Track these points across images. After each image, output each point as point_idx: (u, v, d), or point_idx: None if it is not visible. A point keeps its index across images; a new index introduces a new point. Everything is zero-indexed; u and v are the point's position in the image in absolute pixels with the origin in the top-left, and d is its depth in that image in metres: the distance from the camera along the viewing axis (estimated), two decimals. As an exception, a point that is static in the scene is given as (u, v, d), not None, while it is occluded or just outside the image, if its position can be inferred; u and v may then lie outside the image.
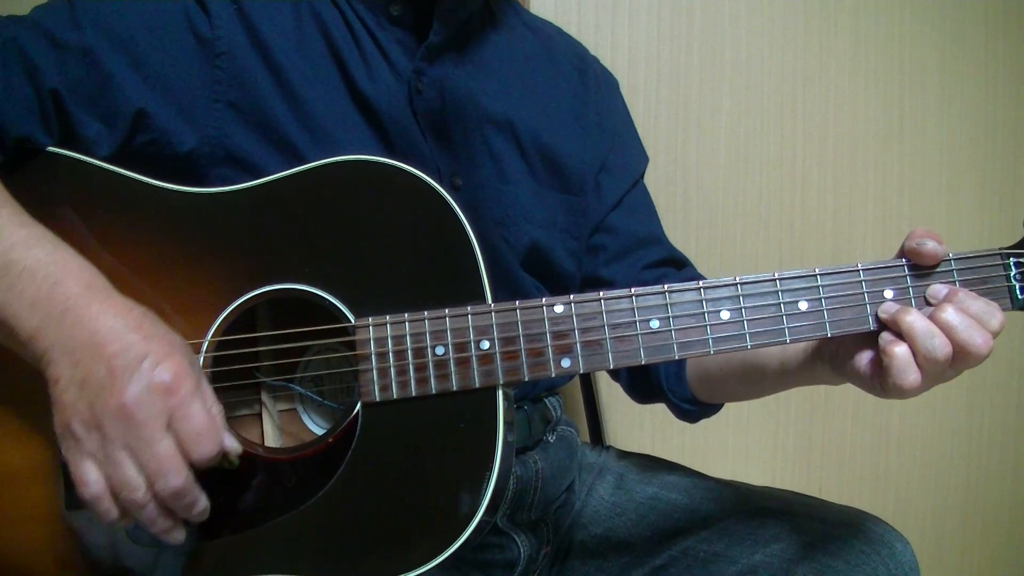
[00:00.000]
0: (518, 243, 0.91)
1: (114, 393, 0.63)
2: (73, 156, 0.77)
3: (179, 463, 0.65)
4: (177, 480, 0.65)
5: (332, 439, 0.73)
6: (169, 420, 0.64)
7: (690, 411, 0.97)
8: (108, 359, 0.64)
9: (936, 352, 0.68)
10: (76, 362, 0.65)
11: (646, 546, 0.93)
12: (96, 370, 0.64)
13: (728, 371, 0.90)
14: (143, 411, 0.63)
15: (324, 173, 0.75)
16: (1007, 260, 0.73)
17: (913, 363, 0.69)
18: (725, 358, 0.90)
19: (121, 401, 0.63)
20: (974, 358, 0.68)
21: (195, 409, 0.65)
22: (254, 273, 0.74)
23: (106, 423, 0.64)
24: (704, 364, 0.93)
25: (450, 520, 0.70)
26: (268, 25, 0.83)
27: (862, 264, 0.72)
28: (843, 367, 0.75)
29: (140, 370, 0.64)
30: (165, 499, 0.65)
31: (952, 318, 0.68)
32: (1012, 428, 1.67)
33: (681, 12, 1.43)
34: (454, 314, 0.72)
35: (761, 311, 0.72)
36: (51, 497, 0.73)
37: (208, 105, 0.81)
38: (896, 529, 0.84)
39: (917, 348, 0.68)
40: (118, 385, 0.63)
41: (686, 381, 0.95)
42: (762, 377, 0.86)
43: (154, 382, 0.64)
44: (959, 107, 1.58)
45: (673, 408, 0.99)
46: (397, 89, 0.85)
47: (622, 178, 1.01)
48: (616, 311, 0.72)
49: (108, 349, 0.64)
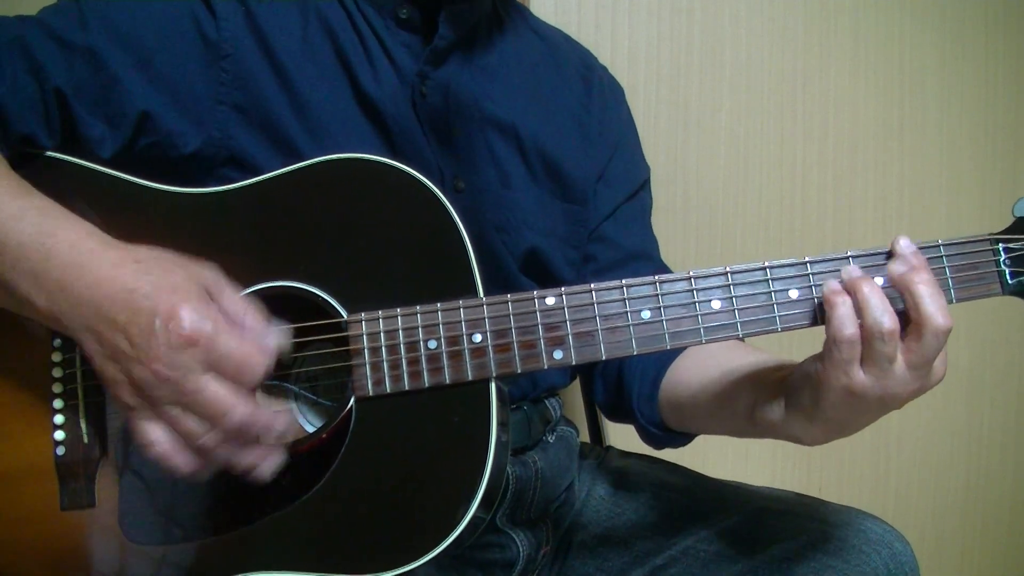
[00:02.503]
0: (517, 248, 0.91)
1: (143, 362, 0.63)
2: (70, 160, 0.77)
3: (231, 399, 0.64)
4: (236, 415, 0.64)
5: (326, 435, 0.73)
6: (206, 366, 0.64)
7: (656, 435, 0.95)
8: (124, 329, 0.64)
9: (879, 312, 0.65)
10: (99, 338, 0.65)
11: (646, 546, 0.93)
12: (118, 342, 0.64)
13: (700, 401, 0.88)
14: (176, 370, 0.63)
15: (315, 172, 0.75)
16: (996, 246, 0.72)
17: (854, 317, 0.66)
18: (699, 388, 0.88)
19: (152, 368, 0.63)
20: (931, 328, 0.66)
21: (224, 345, 0.64)
22: (247, 271, 0.74)
23: (149, 389, 0.64)
24: (677, 391, 0.91)
25: (444, 515, 0.70)
26: (274, 27, 0.83)
27: (851, 251, 0.72)
28: (799, 385, 0.72)
29: (155, 334, 0.63)
30: (236, 433, 0.65)
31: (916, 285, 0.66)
32: (1012, 428, 1.67)
33: (681, 12, 1.43)
34: (446, 308, 0.72)
35: (752, 300, 0.72)
36: (48, 497, 0.73)
37: (212, 107, 0.81)
38: (896, 529, 0.84)
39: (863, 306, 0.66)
40: (143, 354, 0.63)
41: (657, 404, 0.93)
42: (732, 415, 0.83)
43: (173, 341, 0.63)
44: (959, 107, 1.58)
45: (640, 430, 0.97)
46: (401, 91, 0.86)
47: (618, 189, 1.01)
48: (607, 302, 0.72)
49: (119, 320, 0.64)
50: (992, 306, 1.57)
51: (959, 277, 0.72)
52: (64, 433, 0.74)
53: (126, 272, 0.65)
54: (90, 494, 0.73)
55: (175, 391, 0.64)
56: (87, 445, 0.74)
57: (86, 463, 0.74)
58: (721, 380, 0.84)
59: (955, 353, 1.70)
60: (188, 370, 0.63)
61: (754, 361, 0.83)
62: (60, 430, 0.73)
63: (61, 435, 0.73)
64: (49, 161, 0.77)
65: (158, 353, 0.63)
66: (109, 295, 0.64)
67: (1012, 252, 0.72)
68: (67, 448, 0.73)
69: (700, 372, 0.89)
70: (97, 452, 0.74)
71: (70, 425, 0.74)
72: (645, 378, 0.94)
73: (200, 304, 0.65)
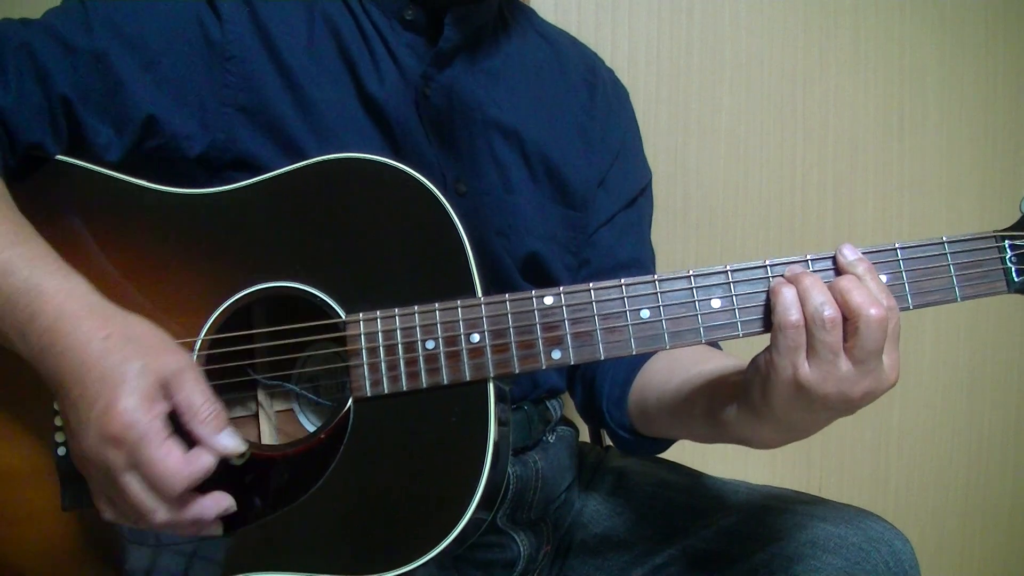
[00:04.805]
0: (517, 253, 0.91)
1: (78, 440, 0.64)
2: (76, 163, 0.78)
3: (151, 503, 0.64)
4: (156, 519, 0.64)
5: (324, 435, 0.73)
6: (129, 467, 0.63)
7: (626, 439, 0.94)
8: (74, 404, 0.64)
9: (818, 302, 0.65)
10: (63, 401, 0.66)
11: (646, 546, 0.93)
12: (69, 413, 0.65)
13: (664, 403, 0.87)
14: (102, 463, 0.64)
15: (314, 171, 0.75)
16: (1002, 243, 0.71)
17: (799, 304, 0.66)
18: (663, 390, 0.87)
19: (82, 448, 0.64)
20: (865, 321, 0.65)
21: (146, 454, 0.63)
22: (247, 271, 0.75)
23: (87, 466, 0.66)
24: (644, 394, 0.90)
25: (443, 516, 0.70)
26: (279, 28, 0.83)
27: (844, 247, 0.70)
28: (751, 385, 0.71)
29: (90, 420, 0.63)
30: (163, 525, 0.65)
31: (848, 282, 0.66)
32: (1012, 428, 1.67)
33: (681, 12, 1.43)
34: (444, 308, 0.72)
35: (752, 299, 0.71)
36: (49, 496, 0.74)
37: (218, 109, 0.81)
38: (896, 528, 0.84)
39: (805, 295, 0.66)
40: (80, 433, 0.64)
41: (626, 408, 0.92)
42: (691, 417, 0.82)
43: (103, 433, 0.63)
44: (959, 107, 1.58)
45: (610, 434, 0.96)
46: (405, 93, 0.86)
47: (617, 196, 1.01)
48: (606, 301, 0.72)
49: (72, 394, 0.64)
50: (993, 306, 1.57)
51: (964, 275, 0.71)
52: (66, 434, 0.73)
53: (91, 349, 0.65)
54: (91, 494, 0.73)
55: (105, 479, 0.65)
56: None
57: None
58: (685, 383, 0.83)
59: (955, 353, 1.71)
60: (112, 466, 0.63)
61: (721, 365, 0.81)
62: (61, 431, 0.73)
63: (62, 436, 0.73)
64: (57, 166, 0.78)
65: (89, 442, 0.63)
66: (72, 367, 0.64)
67: (1019, 249, 0.71)
68: (68, 448, 0.73)
69: (667, 374, 0.88)
70: None
71: None
72: (616, 381, 0.93)
73: (142, 403, 0.63)
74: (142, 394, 0.63)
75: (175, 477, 0.63)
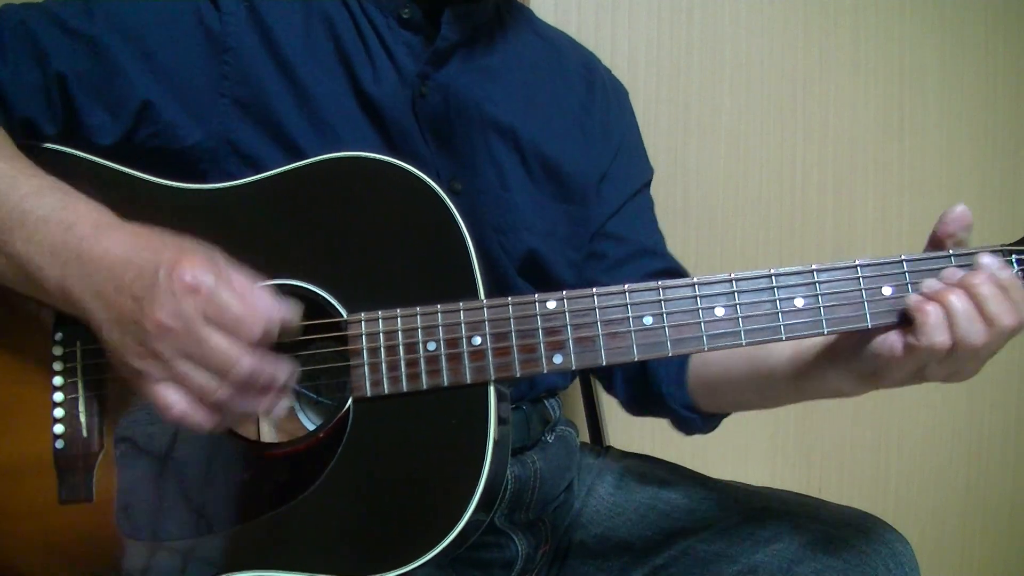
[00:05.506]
0: (515, 250, 0.91)
1: (147, 315, 0.64)
2: (73, 153, 0.78)
3: (236, 349, 0.64)
4: (243, 365, 0.64)
5: (323, 434, 0.73)
6: (206, 317, 0.64)
7: (690, 419, 0.94)
8: (129, 287, 0.64)
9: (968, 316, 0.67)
10: (107, 303, 0.65)
11: (646, 546, 0.93)
12: (124, 302, 0.65)
13: (734, 374, 0.87)
14: (179, 319, 0.63)
15: (317, 170, 0.75)
16: (1009, 257, 0.71)
17: (945, 324, 0.67)
18: (727, 361, 0.88)
19: (155, 319, 0.63)
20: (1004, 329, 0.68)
21: (224, 298, 0.64)
22: (248, 269, 0.74)
23: (156, 345, 0.64)
24: (707, 368, 0.91)
25: (442, 516, 0.70)
26: (278, 22, 0.83)
27: (859, 260, 0.71)
28: (861, 355, 0.72)
29: (158, 283, 0.64)
30: (245, 383, 0.65)
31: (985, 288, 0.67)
32: (1012, 428, 1.67)
33: (681, 12, 1.43)
34: (446, 310, 0.72)
35: (756, 308, 0.71)
36: (46, 490, 0.74)
37: (214, 100, 0.81)
38: (896, 529, 0.84)
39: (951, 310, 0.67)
40: (147, 306, 0.64)
41: (686, 386, 0.92)
42: (771, 381, 0.83)
43: (175, 288, 0.63)
44: (959, 107, 1.58)
45: (673, 416, 0.96)
46: (401, 91, 0.86)
47: (623, 187, 1.01)
48: (609, 307, 0.72)
49: (126, 278, 0.65)
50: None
51: None
52: (63, 426, 0.74)
53: (140, 239, 0.67)
54: (88, 488, 0.73)
55: (180, 343, 0.64)
56: (86, 439, 0.74)
57: (85, 457, 0.74)
58: (759, 348, 0.81)
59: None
60: (190, 319, 0.63)
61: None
62: (59, 423, 0.74)
63: (60, 428, 0.74)
64: (49, 153, 0.77)
65: (161, 301, 0.63)
66: (121, 257, 0.65)
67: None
68: (66, 441, 0.74)
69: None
70: (96, 446, 0.74)
71: (69, 418, 0.74)
72: (671, 362, 0.93)
73: (204, 260, 0.65)
74: (205, 256, 0.66)
75: (255, 315, 0.64)
